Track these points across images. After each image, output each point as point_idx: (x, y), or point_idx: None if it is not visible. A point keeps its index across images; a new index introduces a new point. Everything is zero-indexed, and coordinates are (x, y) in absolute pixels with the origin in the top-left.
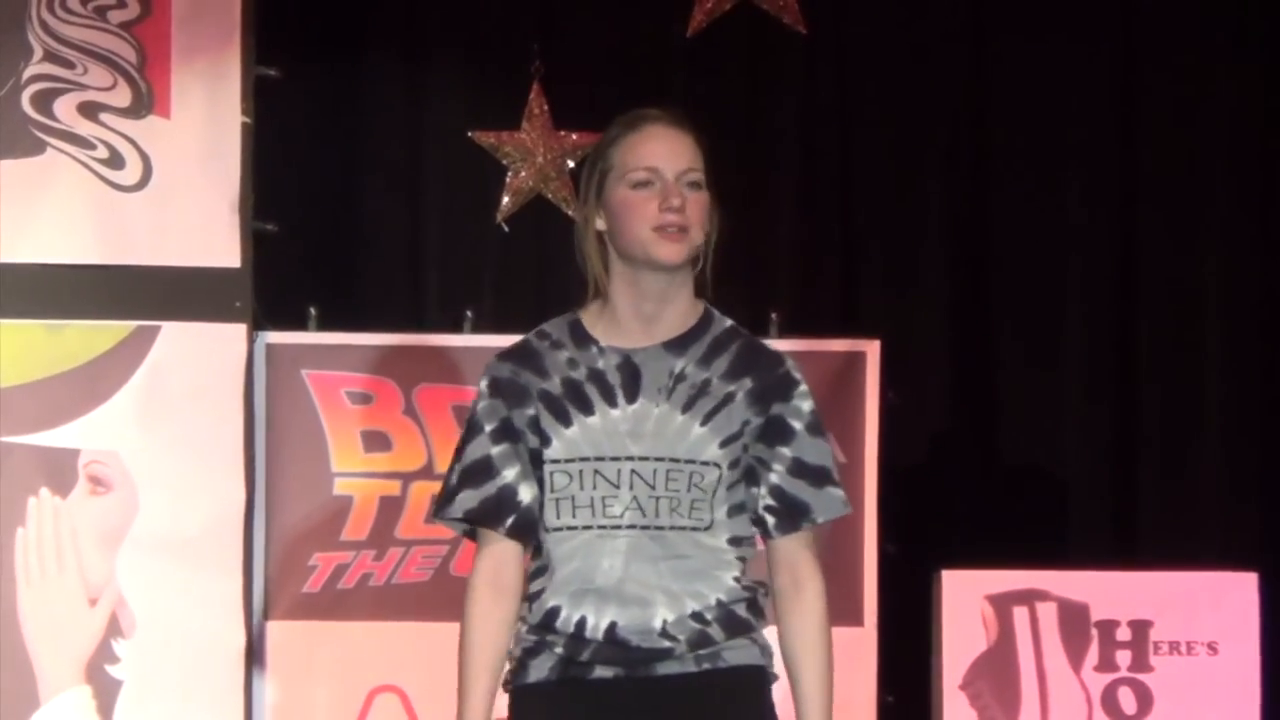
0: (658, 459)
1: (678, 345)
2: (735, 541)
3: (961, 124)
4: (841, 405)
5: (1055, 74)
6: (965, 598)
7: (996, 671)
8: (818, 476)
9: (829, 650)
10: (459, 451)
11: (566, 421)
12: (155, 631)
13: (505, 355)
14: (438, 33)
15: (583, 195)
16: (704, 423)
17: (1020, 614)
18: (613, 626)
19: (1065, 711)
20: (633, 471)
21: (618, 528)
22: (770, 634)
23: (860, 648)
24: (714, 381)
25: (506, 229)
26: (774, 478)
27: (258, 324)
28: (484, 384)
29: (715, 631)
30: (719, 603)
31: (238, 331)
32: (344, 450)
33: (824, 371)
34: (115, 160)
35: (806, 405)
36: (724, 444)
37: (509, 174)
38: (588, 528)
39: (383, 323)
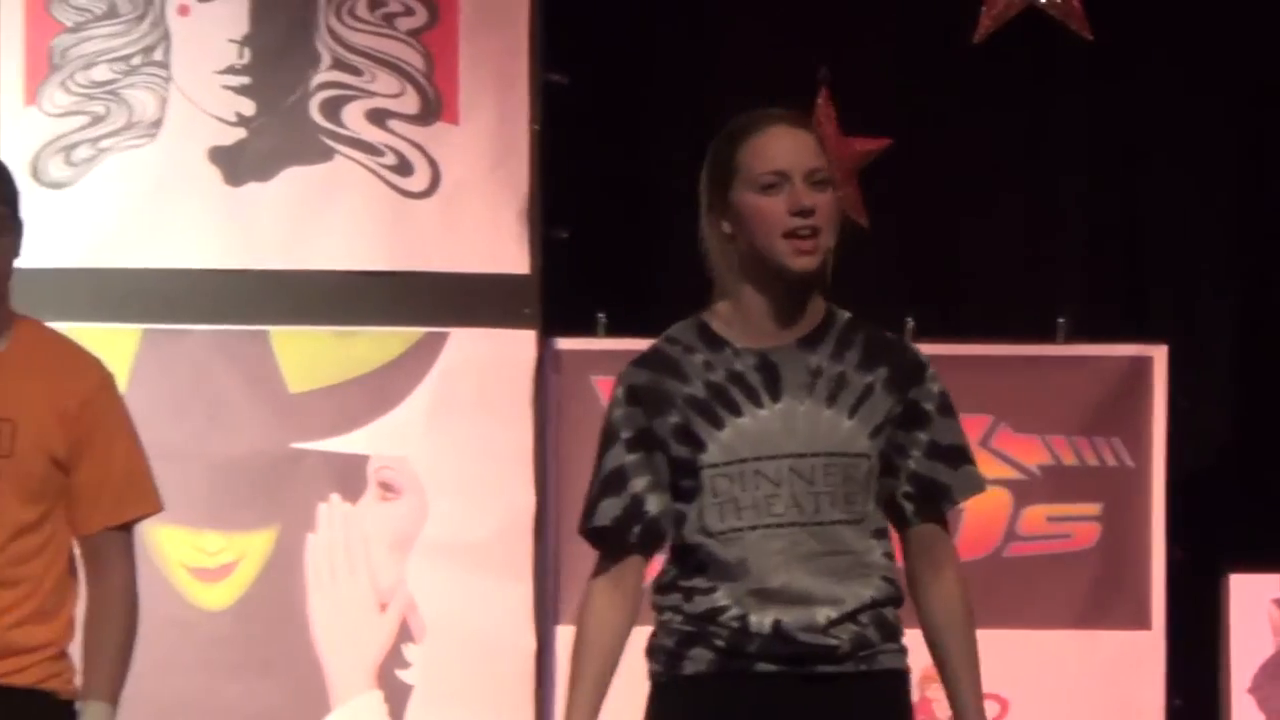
0: (814, 454)
1: (810, 342)
2: (879, 534)
3: (1255, 127)
4: (1128, 409)
5: None
6: (1253, 601)
7: None
8: (954, 457)
9: (973, 629)
10: (598, 461)
11: (719, 425)
12: (445, 636)
13: (641, 363)
14: (724, 37)
15: (706, 199)
16: (850, 415)
17: None
18: (778, 623)
19: None
20: (791, 469)
21: (781, 525)
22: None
23: (1148, 651)
24: (849, 373)
25: None
26: (911, 464)
27: (547, 330)
28: (620, 392)
29: (872, 634)
30: (873, 601)
31: (527, 337)
32: None
33: (1110, 376)
34: (404, 167)
35: (936, 387)
36: (872, 434)
37: None
38: (753, 528)
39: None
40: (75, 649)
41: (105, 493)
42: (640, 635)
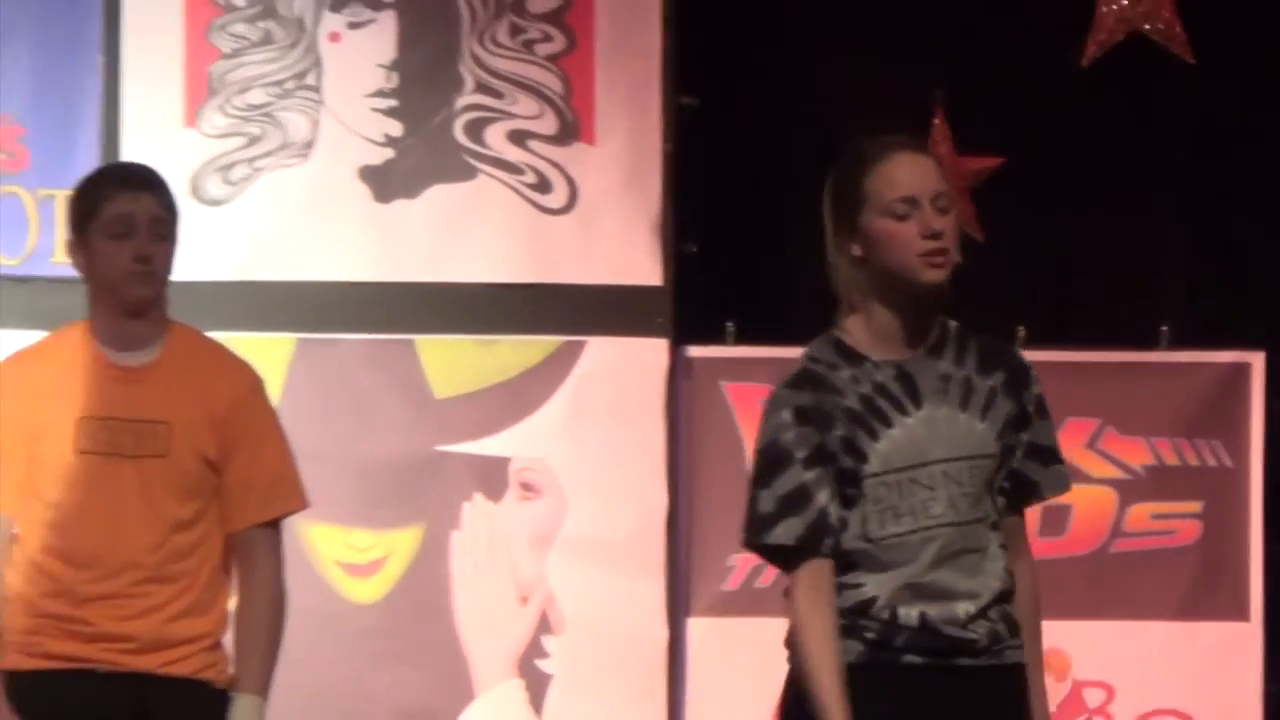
0: (958, 458)
1: (935, 350)
2: (995, 527)
3: None
4: (1228, 413)
5: None
6: None
7: None
8: (1046, 456)
9: (1040, 618)
10: (766, 480)
11: (874, 436)
12: (583, 628)
13: (797, 384)
14: (844, 61)
15: (834, 223)
16: (982, 418)
17: None
18: (923, 616)
19: None
20: (943, 473)
21: (938, 527)
22: None
23: (1246, 642)
24: (973, 378)
25: None
26: (1013, 461)
27: (678, 338)
28: (786, 414)
29: (1001, 629)
30: (1000, 594)
31: (659, 346)
32: None
33: (1211, 381)
34: (543, 185)
35: (1038, 389)
36: (999, 436)
37: None
38: (913, 532)
39: (797, 337)
40: (228, 639)
41: (253, 491)
42: (767, 627)
